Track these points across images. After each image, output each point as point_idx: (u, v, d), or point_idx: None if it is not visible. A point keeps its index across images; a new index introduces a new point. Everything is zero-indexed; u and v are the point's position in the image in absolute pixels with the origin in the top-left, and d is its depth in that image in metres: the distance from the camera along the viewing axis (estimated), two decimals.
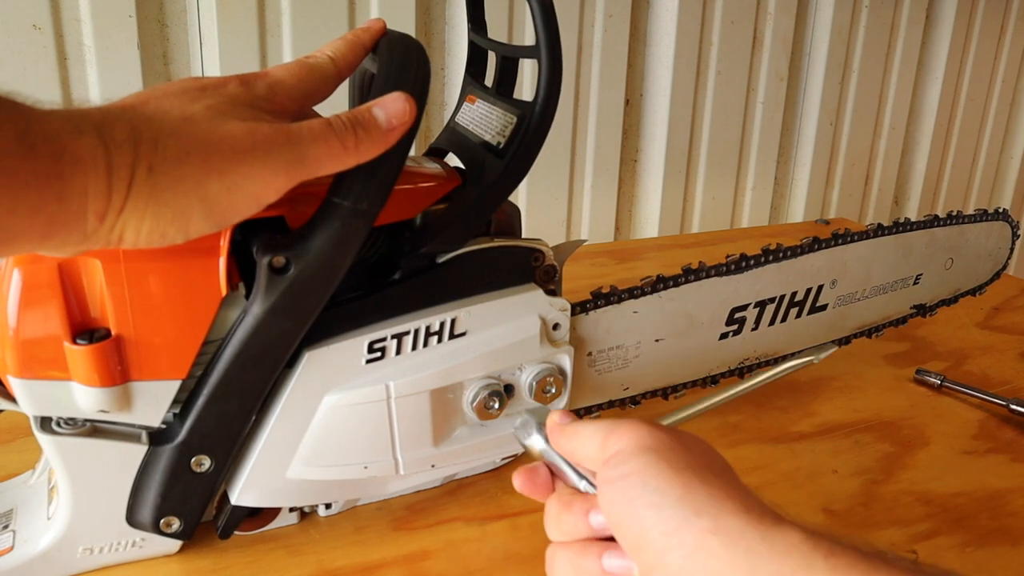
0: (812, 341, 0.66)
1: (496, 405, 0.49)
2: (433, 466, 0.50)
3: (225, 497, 0.47)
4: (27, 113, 0.29)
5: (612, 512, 0.33)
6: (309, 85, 0.40)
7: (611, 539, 0.34)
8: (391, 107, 0.38)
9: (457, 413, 0.49)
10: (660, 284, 0.56)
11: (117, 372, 0.40)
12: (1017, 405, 0.66)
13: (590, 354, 0.55)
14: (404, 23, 1.01)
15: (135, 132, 0.32)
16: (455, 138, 0.53)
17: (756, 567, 0.29)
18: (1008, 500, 0.56)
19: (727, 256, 0.59)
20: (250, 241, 0.41)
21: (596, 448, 0.35)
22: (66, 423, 0.42)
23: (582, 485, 0.37)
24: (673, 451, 0.33)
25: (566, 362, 0.51)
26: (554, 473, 0.39)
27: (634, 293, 0.55)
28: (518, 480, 0.39)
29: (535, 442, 0.40)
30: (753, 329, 0.61)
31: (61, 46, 0.86)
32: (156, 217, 0.33)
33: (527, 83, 0.95)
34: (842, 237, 0.63)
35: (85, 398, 0.40)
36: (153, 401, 0.42)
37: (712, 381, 0.62)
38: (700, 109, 1.27)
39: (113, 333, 0.39)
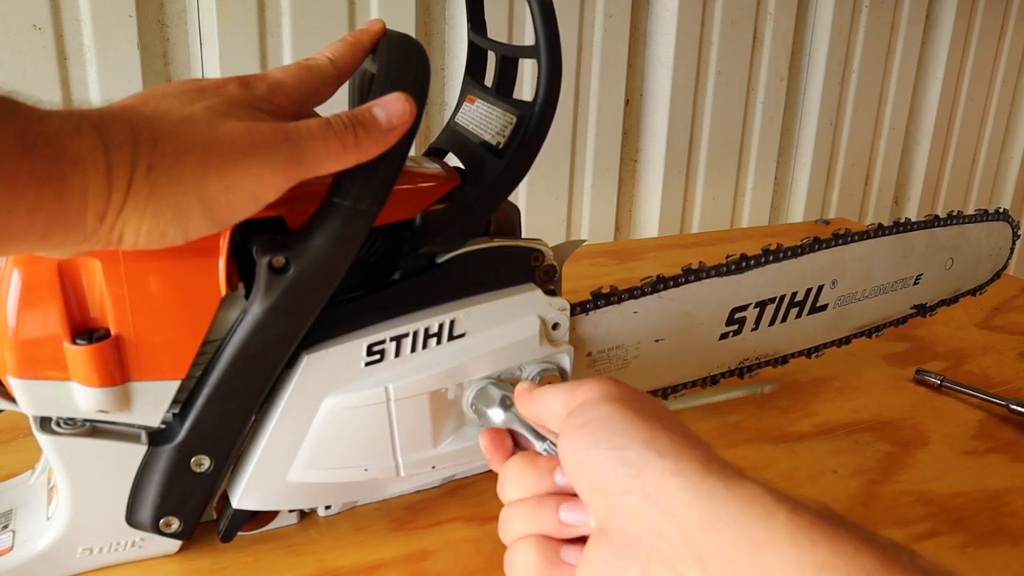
0: (812, 341, 0.66)
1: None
2: (433, 467, 0.50)
3: (226, 500, 0.47)
4: (27, 113, 0.29)
5: (575, 456, 0.33)
6: (309, 87, 0.40)
7: (570, 497, 0.35)
8: (391, 107, 0.38)
9: (457, 414, 0.49)
10: (660, 284, 0.56)
11: (116, 372, 0.40)
12: (1017, 405, 0.66)
13: (590, 354, 0.55)
14: (404, 23, 1.01)
15: (134, 132, 0.31)
16: (455, 138, 0.53)
17: (716, 513, 0.29)
18: (1008, 500, 0.56)
19: (727, 256, 0.59)
20: (250, 241, 0.41)
21: (561, 405, 0.36)
22: (66, 423, 0.42)
23: (542, 447, 0.38)
24: (638, 401, 0.34)
25: (566, 362, 0.51)
26: (517, 442, 0.40)
27: (634, 293, 0.55)
28: (484, 439, 0.41)
29: (495, 413, 0.42)
30: (753, 329, 0.61)
31: (61, 46, 0.86)
32: (156, 217, 0.33)
33: (527, 83, 0.95)
34: (842, 237, 0.63)
35: (84, 398, 0.40)
36: (152, 401, 0.42)
37: (712, 381, 0.62)
38: (700, 109, 1.27)
39: (112, 333, 0.39)
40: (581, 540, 0.35)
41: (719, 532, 0.28)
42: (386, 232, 0.46)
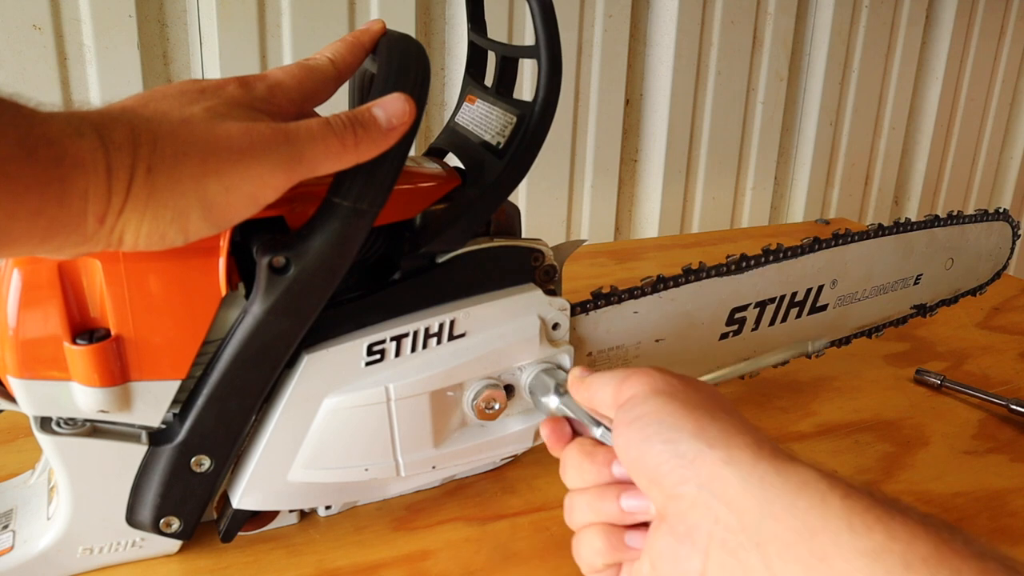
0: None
1: (496, 406, 0.49)
2: (434, 467, 0.50)
3: (226, 500, 0.47)
4: (29, 116, 0.29)
5: (629, 451, 0.34)
6: (308, 87, 0.40)
7: (629, 485, 0.36)
8: (391, 107, 0.38)
9: (457, 414, 0.49)
10: (660, 284, 0.56)
11: (117, 372, 0.40)
12: (1017, 405, 0.66)
13: (590, 354, 0.55)
14: (404, 23, 1.01)
15: (134, 134, 0.31)
16: (455, 138, 0.53)
17: (769, 499, 0.29)
18: (1008, 500, 0.56)
19: (727, 256, 0.59)
20: (250, 241, 0.41)
21: (611, 395, 0.37)
22: (66, 423, 0.42)
23: (599, 432, 0.39)
24: (684, 393, 0.35)
25: (566, 362, 0.51)
26: (575, 429, 0.42)
27: (634, 293, 0.55)
28: (545, 429, 0.42)
29: (550, 400, 0.44)
30: (753, 329, 0.61)
31: (61, 46, 0.86)
32: (155, 218, 0.33)
33: (527, 83, 0.95)
34: (842, 237, 0.63)
35: (85, 398, 0.40)
36: (153, 401, 0.42)
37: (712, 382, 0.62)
38: (700, 109, 1.27)
39: (113, 333, 0.39)
40: (644, 525, 0.36)
41: (775, 518, 0.29)
42: (386, 232, 0.46)
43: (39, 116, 0.29)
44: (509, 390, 0.50)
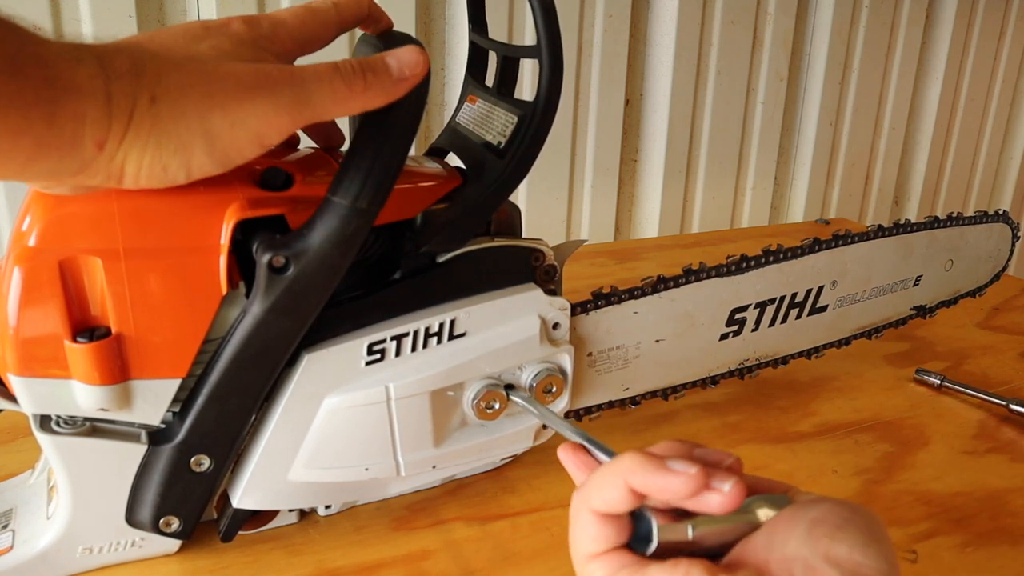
0: (812, 342, 0.66)
1: (496, 405, 0.49)
2: (434, 467, 0.50)
3: (226, 500, 0.47)
4: (23, 36, 0.29)
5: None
6: (311, 28, 0.40)
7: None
8: (404, 57, 0.38)
9: (458, 414, 0.49)
10: (660, 284, 0.56)
11: (117, 370, 0.40)
12: (1017, 405, 0.66)
13: (590, 354, 0.55)
14: (404, 23, 1.01)
15: (137, 64, 0.32)
16: (456, 138, 0.53)
17: None
18: (1008, 500, 0.56)
19: (727, 257, 0.59)
20: (250, 240, 0.41)
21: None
22: (66, 422, 0.42)
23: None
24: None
25: (566, 362, 0.51)
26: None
27: (634, 293, 0.55)
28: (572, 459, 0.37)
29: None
30: (753, 330, 0.61)
31: None
32: (158, 148, 0.33)
33: (527, 83, 0.95)
34: (842, 238, 0.63)
35: (85, 396, 0.40)
36: (153, 400, 0.41)
37: (712, 382, 0.62)
38: (700, 109, 1.27)
39: (113, 331, 0.39)
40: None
41: None
42: (387, 231, 0.46)
43: (33, 37, 0.29)
44: (509, 390, 0.50)
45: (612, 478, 0.31)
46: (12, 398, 0.41)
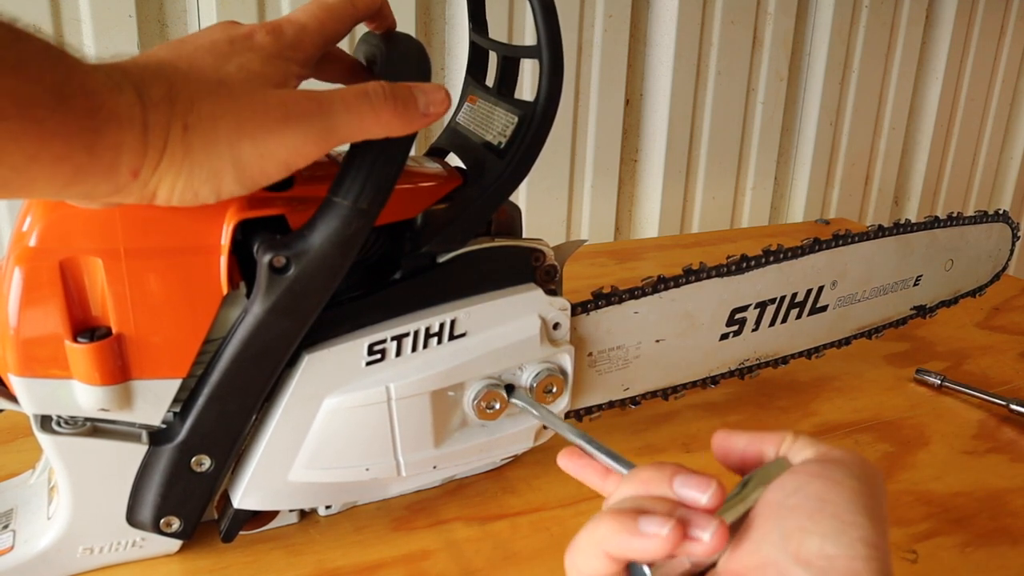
0: (812, 342, 0.66)
1: (497, 405, 0.49)
2: (435, 467, 0.50)
3: (227, 500, 0.47)
4: (71, 65, 0.30)
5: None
6: (330, 28, 0.41)
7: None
8: (432, 95, 0.39)
9: (458, 414, 0.49)
10: (661, 284, 0.56)
11: (118, 370, 0.40)
12: (1017, 405, 0.66)
13: (590, 354, 0.55)
14: (404, 23, 1.00)
15: (172, 91, 0.32)
16: (456, 138, 0.53)
17: None
18: (1008, 500, 0.56)
19: (727, 257, 0.59)
20: (251, 240, 0.41)
21: None
22: (66, 422, 0.42)
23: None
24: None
25: (567, 362, 0.51)
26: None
27: (635, 293, 0.55)
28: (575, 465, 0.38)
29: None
30: (753, 330, 0.61)
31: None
32: (190, 176, 0.33)
33: (527, 83, 0.95)
34: (842, 238, 0.63)
35: (86, 396, 0.40)
36: (154, 400, 0.42)
37: (712, 382, 0.62)
38: (700, 109, 1.27)
39: (114, 331, 0.39)
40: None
41: None
42: (387, 232, 0.46)
43: (82, 67, 0.30)
44: (509, 390, 0.50)
45: (591, 548, 0.31)
46: (13, 398, 0.41)
